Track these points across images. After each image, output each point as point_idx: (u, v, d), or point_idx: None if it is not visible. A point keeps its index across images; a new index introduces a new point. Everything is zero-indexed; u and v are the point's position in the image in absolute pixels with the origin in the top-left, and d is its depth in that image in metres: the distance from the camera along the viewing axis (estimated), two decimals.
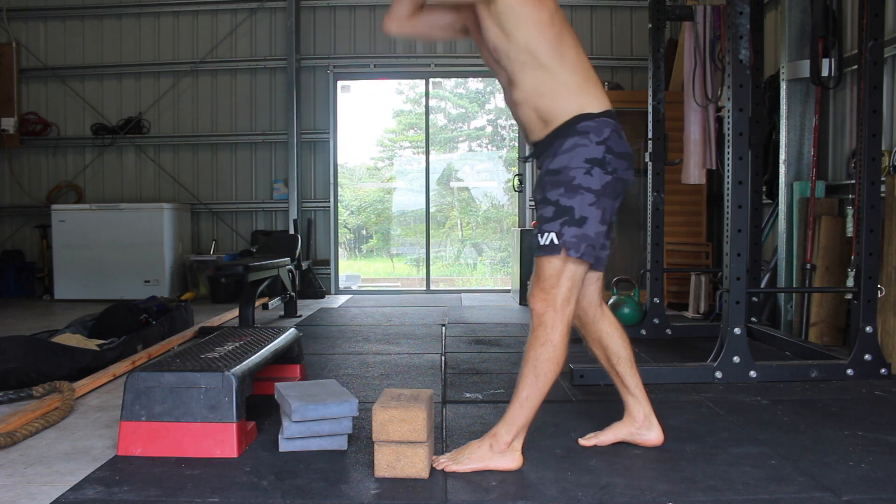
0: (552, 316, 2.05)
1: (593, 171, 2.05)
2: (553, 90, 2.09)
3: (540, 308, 2.06)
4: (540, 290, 2.07)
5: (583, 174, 2.04)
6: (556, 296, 2.05)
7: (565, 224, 2.04)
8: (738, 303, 3.29)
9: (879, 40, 3.26)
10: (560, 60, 2.08)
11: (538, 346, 2.06)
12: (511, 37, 2.07)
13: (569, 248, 2.04)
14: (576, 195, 2.04)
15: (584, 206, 2.04)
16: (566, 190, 2.05)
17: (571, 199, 2.04)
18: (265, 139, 7.56)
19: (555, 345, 2.05)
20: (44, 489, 2.00)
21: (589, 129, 2.06)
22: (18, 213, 7.60)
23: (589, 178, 2.04)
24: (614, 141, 2.08)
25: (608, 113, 2.11)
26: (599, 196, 2.05)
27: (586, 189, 2.04)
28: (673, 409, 2.77)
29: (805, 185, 4.49)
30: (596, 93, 2.13)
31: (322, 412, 2.26)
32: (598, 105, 2.11)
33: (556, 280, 2.05)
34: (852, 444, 2.35)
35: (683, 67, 4.80)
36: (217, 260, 6.80)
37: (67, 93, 7.59)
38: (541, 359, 2.05)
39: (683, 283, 5.93)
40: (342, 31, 7.53)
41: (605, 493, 1.94)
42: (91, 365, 3.48)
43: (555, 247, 2.04)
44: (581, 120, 2.07)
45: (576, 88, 2.10)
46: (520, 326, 5.05)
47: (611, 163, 2.06)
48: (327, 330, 4.98)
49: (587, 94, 2.11)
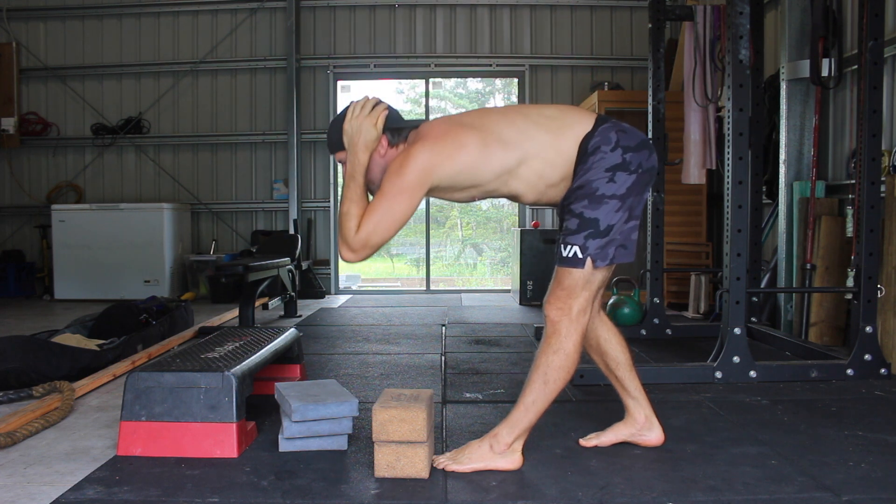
0: (567, 325, 2.04)
1: (616, 176, 2.01)
2: (544, 164, 2.05)
3: (555, 316, 2.05)
4: (556, 299, 2.06)
5: (605, 183, 2.01)
6: (572, 305, 2.04)
7: (589, 237, 2.02)
8: (738, 303, 3.28)
9: (879, 40, 3.26)
10: (522, 148, 2.03)
11: (551, 353, 2.05)
12: (476, 184, 2.07)
13: (595, 260, 2.03)
14: (600, 206, 2.01)
15: (610, 215, 2.02)
16: (590, 201, 2.02)
17: (595, 211, 2.02)
18: (265, 139, 7.56)
19: (567, 353, 2.04)
20: (44, 489, 2.00)
21: (598, 144, 2.03)
22: (18, 213, 7.60)
23: (612, 186, 2.01)
24: (624, 139, 2.05)
25: (599, 119, 2.09)
26: (625, 199, 2.03)
27: (610, 197, 2.01)
28: (673, 409, 2.77)
29: (805, 185, 4.49)
30: (574, 117, 2.10)
31: (322, 412, 2.26)
32: (585, 123, 2.07)
33: (575, 290, 2.04)
34: (852, 444, 2.35)
35: (683, 67, 4.81)
36: (217, 260, 6.80)
37: (67, 93, 7.59)
38: (552, 366, 2.04)
39: (683, 283, 5.93)
40: (342, 31, 7.54)
41: (605, 493, 1.94)
42: (91, 365, 3.48)
43: (578, 260, 2.03)
44: (586, 144, 2.03)
45: (553, 137, 2.05)
46: (520, 326, 5.05)
47: (632, 161, 2.03)
48: (327, 330, 4.98)
49: (568, 127, 2.06)
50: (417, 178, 1.97)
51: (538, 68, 7.51)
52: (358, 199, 2.02)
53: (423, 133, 2.07)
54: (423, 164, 1.97)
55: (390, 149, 2.10)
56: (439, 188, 2.06)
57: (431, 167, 1.98)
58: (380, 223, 1.98)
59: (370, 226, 1.98)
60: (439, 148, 1.99)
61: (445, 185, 2.05)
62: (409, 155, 1.99)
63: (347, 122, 2.08)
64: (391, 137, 2.10)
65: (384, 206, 1.98)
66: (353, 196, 2.03)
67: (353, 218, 2.00)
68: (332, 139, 2.12)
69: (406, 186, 1.97)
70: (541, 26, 7.51)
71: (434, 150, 1.99)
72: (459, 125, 2.07)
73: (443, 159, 1.99)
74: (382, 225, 1.98)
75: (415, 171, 1.97)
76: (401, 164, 1.99)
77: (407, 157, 1.99)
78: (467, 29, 7.54)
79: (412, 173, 1.97)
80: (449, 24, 7.55)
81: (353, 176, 2.05)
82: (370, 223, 1.98)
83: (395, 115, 2.11)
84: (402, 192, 1.97)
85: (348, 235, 1.99)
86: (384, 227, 1.98)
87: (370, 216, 1.98)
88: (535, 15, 7.51)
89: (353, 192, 2.03)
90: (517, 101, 7.88)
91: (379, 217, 1.97)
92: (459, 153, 2.00)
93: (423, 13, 7.54)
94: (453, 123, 2.09)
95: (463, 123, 2.08)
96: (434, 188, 2.04)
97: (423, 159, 1.97)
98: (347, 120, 2.08)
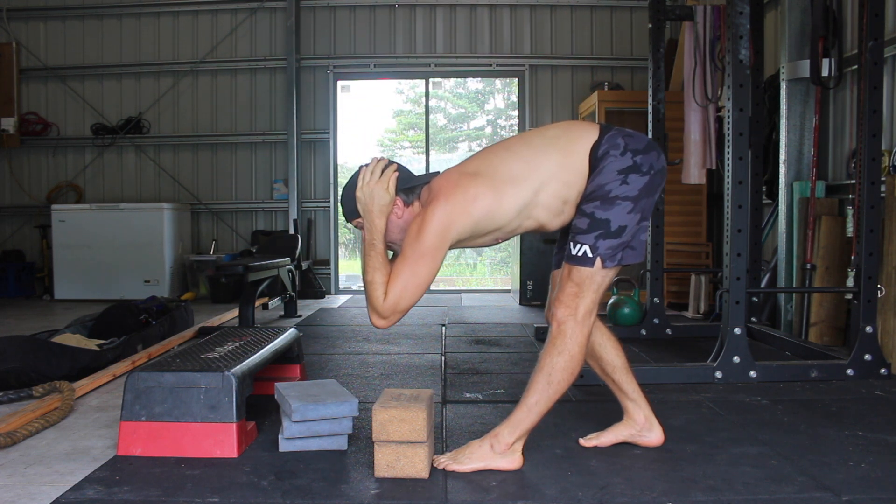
0: (573, 326, 2.04)
1: (629, 178, 2.02)
2: (560, 186, 2.06)
3: (562, 315, 2.05)
4: (565, 296, 2.06)
5: (618, 185, 2.01)
6: (578, 305, 2.04)
7: (600, 237, 2.02)
8: (738, 303, 3.28)
9: (879, 40, 3.26)
10: (533, 178, 2.04)
11: (555, 355, 2.05)
12: (498, 227, 2.08)
13: (605, 260, 2.03)
14: (612, 207, 2.02)
15: (622, 216, 2.02)
16: (602, 202, 2.02)
17: (607, 212, 2.02)
18: (265, 139, 7.56)
19: (572, 355, 2.04)
20: (44, 489, 2.00)
21: (607, 150, 2.03)
22: (18, 213, 7.60)
23: (625, 187, 2.02)
24: (632, 143, 2.05)
25: (604, 128, 2.09)
26: (637, 200, 2.03)
27: (623, 198, 2.02)
28: (673, 409, 2.77)
29: (805, 185, 4.49)
30: (578, 131, 2.10)
31: (322, 412, 2.26)
32: (591, 134, 2.07)
33: (582, 291, 2.04)
34: (852, 444, 2.35)
35: (683, 67, 4.81)
36: (217, 260, 6.80)
37: (67, 93, 7.59)
38: (556, 367, 2.04)
39: (683, 283, 5.93)
40: (342, 31, 7.54)
41: (605, 493, 1.94)
42: (91, 365, 3.48)
43: (587, 259, 2.03)
44: (595, 153, 2.04)
45: (563, 156, 2.06)
46: (520, 326, 5.05)
47: (643, 163, 2.04)
48: (327, 330, 4.98)
49: (575, 142, 2.07)
50: (437, 239, 1.98)
51: (538, 68, 7.51)
52: (381, 266, 2.02)
53: (434, 190, 2.07)
54: (441, 224, 1.98)
55: (406, 209, 2.10)
56: (461, 240, 2.07)
57: (449, 225, 1.99)
58: (406, 288, 1.98)
59: (397, 292, 1.98)
60: (452, 205, 1.99)
61: (467, 236, 2.06)
62: (425, 217, 1.99)
63: (359, 189, 2.07)
64: (405, 198, 2.10)
65: (408, 270, 1.98)
66: (375, 265, 2.02)
67: (380, 286, 2.00)
68: (347, 207, 2.12)
69: (427, 249, 1.98)
70: (541, 26, 7.51)
71: (448, 209, 1.99)
72: (468, 175, 2.06)
73: (458, 216, 2.00)
74: (409, 289, 1.99)
75: (433, 233, 1.98)
76: (419, 227, 1.99)
77: (424, 220, 1.99)
78: (467, 29, 7.54)
79: (431, 236, 1.97)
80: (449, 24, 7.55)
81: (373, 243, 2.05)
82: (396, 289, 1.98)
83: (406, 175, 2.11)
84: (423, 256, 1.98)
85: (377, 304, 2.00)
86: (411, 291, 1.99)
87: (395, 282, 1.98)
88: (535, 15, 7.51)
89: (375, 261, 2.03)
90: (517, 101, 7.88)
91: (404, 282, 1.98)
92: (474, 205, 2.01)
93: (423, 13, 7.54)
94: (462, 174, 2.08)
95: (470, 173, 2.07)
96: (456, 242, 2.05)
97: (440, 220, 1.98)
98: (359, 187, 2.07)
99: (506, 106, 10.09)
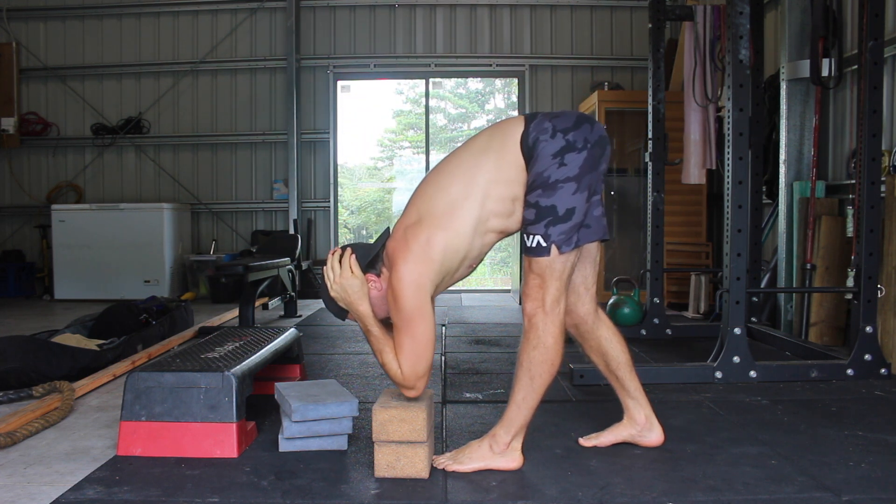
0: (542, 318, 2.04)
1: (565, 158, 2.01)
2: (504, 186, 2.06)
3: (530, 309, 2.06)
4: (529, 290, 2.06)
5: (556, 168, 2.00)
6: (545, 297, 2.04)
7: (550, 224, 2.01)
8: (738, 303, 3.28)
9: (879, 40, 3.26)
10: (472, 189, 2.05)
11: (531, 350, 2.05)
12: (464, 255, 2.08)
13: (560, 246, 2.02)
14: (555, 192, 2.00)
15: (567, 198, 2.01)
16: (544, 190, 2.01)
17: (551, 198, 2.01)
18: (265, 139, 7.56)
19: (547, 346, 2.04)
20: (44, 489, 2.00)
21: (536, 138, 2.03)
22: (18, 213, 7.60)
23: (564, 169, 2.00)
24: (560, 123, 2.04)
25: (529, 117, 2.09)
26: (580, 179, 2.02)
27: (564, 181, 2.00)
28: (673, 409, 2.77)
29: (805, 185, 4.49)
30: (503, 128, 2.11)
31: (322, 412, 2.26)
32: (517, 126, 2.08)
33: (544, 281, 2.03)
34: (852, 444, 2.35)
35: (683, 67, 4.81)
36: (217, 260, 6.80)
37: (67, 93, 7.59)
38: (534, 361, 2.05)
39: (683, 283, 5.93)
40: (342, 31, 7.54)
41: (605, 493, 1.94)
42: (91, 365, 3.48)
43: (542, 249, 2.02)
44: (525, 143, 2.04)
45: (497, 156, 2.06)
46: (520, 326, 5.03)
47: (576, 140, 2.02)
48: (327, 330, 4.98)
49: (503, 139, 2.08)
50: (415, 299, 2.00)
51: (538, 68, 7.51)
52: (385, 344, 2.06)
53: (391, 255, 2.08)
54: (411, 283, 1.99)
55: (380, 279, 2.12)
56: (440, 283, 2.08)
57: (419, 279, 2.00)
58: (414, 354, 2.02)
59: (409, 362, 2.02)
60: (412, 261, 2.00)
61: (441, 278, 2.07)
62: (392, 285, 2.02)
63: (331, 290, 2.11)
64: (374, 270, 2.12)
65: (407, 339, 2.02)
66: (380, 347, 2.07)
67: (393, 362, 2.04)
68: (333, 310, 2.16)
69: (412, 312, 2.00)
70: (541, 26, 7.51)
71: (410, 266, 2.00)
72: (412, 227, 2.06)
73: (422, 267, 2.01)
74: (417, 354, 2.01)
75: (409, 295, 1.99)
76: (393, 296, 2.02)
77: (393, 288, 2.01)
78: (467, 29, 7.54)
79: (408, 298, 1.99)
80: (449, 24, 7.55)
81: (368, 329, 2.09)
82: (408, 360, 2.02)
83: (363, 251, 2.13)
84: (412, 319, 2.00)
85: (398, 379, 2.05)
86: (419, 355, 2.02)
87: (402, 355, 2.02)
88: (535, 15, 7.51)
89: (377, 344, 2.08)
90: (517, 100, 7.88)
91: (409, 350, 2.01)
92: (431, 250, 2.02)
93: (423, 13, 7.55)
94: (406, 228, 2.07)
95: (413, 223, 2.06)
96: (435, 288, 2.06)
97: (408, 280, 1.99)
98: (330, 288, 2.11)
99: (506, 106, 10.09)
